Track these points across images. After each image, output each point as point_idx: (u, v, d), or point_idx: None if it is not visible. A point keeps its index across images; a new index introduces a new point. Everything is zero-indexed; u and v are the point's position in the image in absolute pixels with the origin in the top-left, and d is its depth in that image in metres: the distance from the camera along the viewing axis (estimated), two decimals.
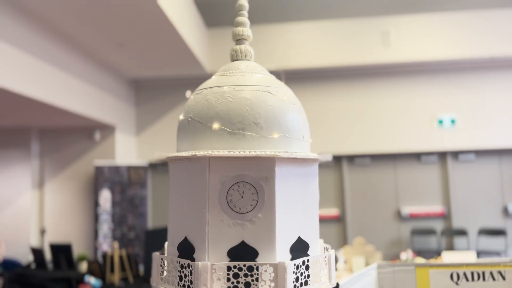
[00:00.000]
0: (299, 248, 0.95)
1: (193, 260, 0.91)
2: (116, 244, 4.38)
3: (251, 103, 0.94)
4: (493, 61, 6.67)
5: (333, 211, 6.95)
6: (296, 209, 0.95)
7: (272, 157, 0.91)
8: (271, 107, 0.95)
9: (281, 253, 0.91)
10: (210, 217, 0.91)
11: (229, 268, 0.88)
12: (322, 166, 6.97)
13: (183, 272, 0.92)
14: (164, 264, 0.98)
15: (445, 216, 6.88)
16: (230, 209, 0.91)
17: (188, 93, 6.19)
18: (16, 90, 4.12)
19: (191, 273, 0.90)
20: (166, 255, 1.00)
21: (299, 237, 0.95)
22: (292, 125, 0.97)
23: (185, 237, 0.95)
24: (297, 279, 0.90)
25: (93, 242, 6.19)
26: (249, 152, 0.91)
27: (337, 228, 6.97)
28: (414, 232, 6.82)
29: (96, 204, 6.10)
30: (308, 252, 0.97)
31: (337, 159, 7.09)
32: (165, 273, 0.97)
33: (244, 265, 0.88)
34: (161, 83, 7.10)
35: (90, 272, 4.37)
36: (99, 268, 4.35)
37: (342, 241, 6.83)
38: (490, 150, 6.83)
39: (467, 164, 6.93)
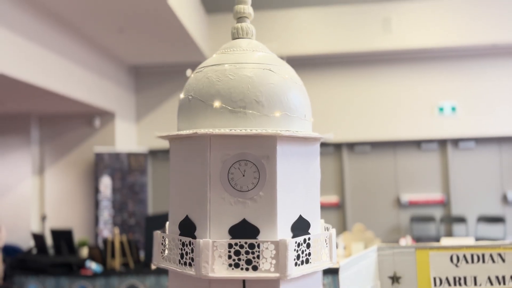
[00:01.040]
0: (300, 227, 0.95)
1: (194, 238, 0.91)
2: (116, 230, 4.40)
3: (252, 81, 0.93)
4: (495, 48, 6.62)
5: (333, 198, 6.97)
6: (298, 188, 0.95)
7: (273, 136, 0.90)
8: (272, 85, 0.94)
9: (282, 231, 0.91)
10: (211, 195, 0.91)
11: (230, 246, 0.88)
12: (322, 153, 6.93)
13: (184, 250, 0.92)
14: (165, 243, 0.98)
15: (445, 204, 6.90)
16: (232, 187, 0.91)
17: (188, 72, 6.15)
18: (15, 76, 4.10)
19: (192, 251, 0.90)
20: (167, 233, 1.01)
21: (300, 216, 0.95)
22: (294, 103, 0.96)
23: (186, 215, 0.95)
24: (298, 257, 0.90)
25: (93, 229, 6.22)
26: (251, 130, 0.90)
27: (336, 215, 7.00)
28: (413, 219, 6.85)
29: (96, 190, 6.12)
30: (309, 231, 0.97)
31: (337, 146, 7.08)
32: (166, 251, 0.97)
33: (246, 243, 0.88)
34: (161, 69, 7.07)
35: (91, 257, 4.39)
36: (100, 253, 4.37)
37: (342, 228, 6.87)
38: (490, 137, 6.82)
39: (467, 151, 6.93)
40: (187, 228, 0.94)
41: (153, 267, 4.21)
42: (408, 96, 6.82)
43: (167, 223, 1.06)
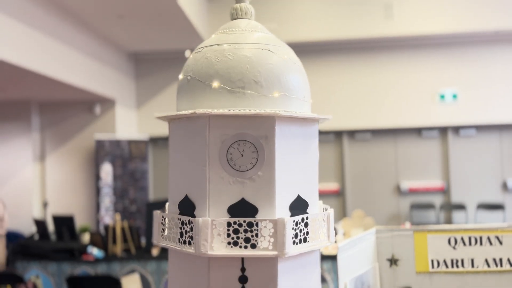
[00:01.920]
0: (299, 206, 0.96)
1: (193, 217, 0.92)
2: (118, 216, 4.43)
3: (251, 61, 0.93)
4: (497, 35, 6.58)
5: (333, 186, 6.99)
6: (296, 168, 0.96)
7: (272, 116, 0.91)
8: (271, 66, 0.94)
9: (281, 210, 0.92)
10: (210, 175, 0.91)
11: (229, 224, 0.89)
12: (323, 141, 6.96)
13: (183, 228, 0.93)
14: (165, 222, 0.99)
15: (445, 191, 6.93)
16: (230, 167, 0.91)
17: (187, 53, 6.13)
18: (15, 63, 4.09)
19: (191, 229, 0.91)
20: (167, 213, 1.01)
21: (298, 196, 0.96)
22: (293, 84, 0.96)
23: (186, 195, 0.96)
24: (296, 236, 0.91)
25: (95, 215, 6.26)
26: (249, 110, 0.90)
27: (336, 202, 7.03)
28: (413, 206, 6.88)
29: (97, 177, 6.14)
30: (307, 211, 0.98)
31: (338, 134, 7.09)
32: (166, 231, 0.98)
33: (244, 221, 0.89)
34: (161, 56, 7.04)
35: (92, 243, 4.43)
36: (101, 239, 4.41)
37: (342, 215, 6.90)
38: (491, 125, 6.81)
39: (467, 139, 6.93)
40: (187, 207, 0.95)
41: (154, 253, 4.25)
42: (409, 83, 6.80)
43: (167, 203, 1.07)
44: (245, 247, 0.88)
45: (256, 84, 0.92)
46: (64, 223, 4.62)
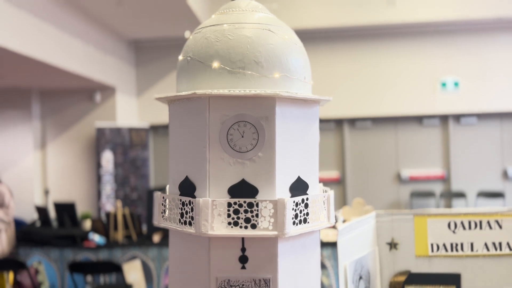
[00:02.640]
0: (299, 187, 0.96)
1: (194, 198, 0.93)
2: (119, 203, 4.44)
3: (251, 41, 0.92)
4: (500, 22, 6.53)
5: (333, 174, 7.00)
6: (296, 149, 0.96)
7: (272, 97, 0.90)
8: (272, 46, 0.93)
9: (281, 191, 0.92)
10: (210, 156, 0.91)
11: (229, 205, 0.89)
12: (323, 129, 6.95)
13: (184, 209, 0.93)
14: (165, 203, 0.99)
15: (445, 179, 6.94)
16: (231, 148, 0.91)
17: (187, 33, 6.09)
18: (15, 50, 4.07)
19: (192, 210, 0.91)
20: (167, 194, 1.02)
21: (298, 177, 0.96)
22: (294, 65, 0.96)
23: (186, 176, 0.96)
24: (296, 216, 0.92)
25: (96, 203, 6.28)
26: (250, 91, 0.90)
27: (337, 190, 7.04)
28: (413, 194, 6.90)
29: (98, 165, 6.15)
30: (307, 192, 0.98)
31: (338, 122, 7.07)
32: (166, 212, 0.99)
33: (245, 202, 0.89)
34: (161, 43, 7.00)
35: (94, 229, 4.45)
36: (103, 226, 4.43)
37: (342, 203, 6.92)
38: (492, 113, 6.80)
39: (468, 127, 6.91)
40: (187, 188, 0.95)
41: (155, 239, 4.27)
42: (411, 71, 6.77)
43: (167, 186, 1.07)
44: (246, 227, 0.89)
45: (257, 64, 0.91)
46: (66, 210, 4.64)
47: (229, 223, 0.89)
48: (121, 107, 6.54)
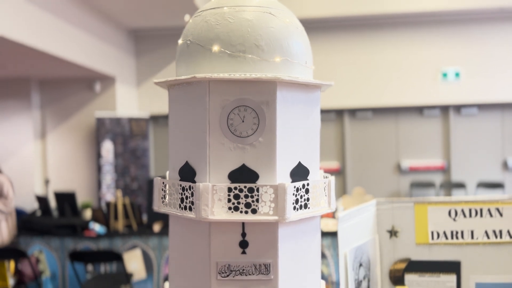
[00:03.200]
0: (299, 173, 0.95)
1: (194, 183, 0.92)
2: (119, 192, 4.45)
3: (252, 24, 0.91)
4: (502, 12, 6.48)
5: (333, 164, 7.00)
6: (297, 135, 0.95)
7: (273, 81, 0.89)
8: (273, 29, 0.92)
9: (281, 176, 0.92)
10: (210, 141, 0.91)
11: (230, 190, 0.89)
12: (324, 119, 6.92)
13: (184, 194, 0.93)
14: (165, 188, 0.98)
15: (445, 170, 6.94)
16: (231, 133, 0.90)
17: (187, 17, 6.04)
18: (14, 39, 4.04)
19: (192, 195, 0.91)
20: (167, 179, 1.01)
21: (299, 163, 0.96)
22: (295, 49, 0.94)
23: (186, 161, 0.95)
24: (296, 201, 0.91)
25: (96, 193, 6.29)
26: (250, 75, 0.89)
27: (337, 180, 7.05)
28: (413, 184, 6.90)
29: (98, 155, 6.15)
30: (308, 178, 0.98)
31: (339, 112, 7.05)
32: (167, 197, 0.98)
33: (245, 187, 0.89)
34: (162, 33, 6.96)
35: (94, 219, 4.46)
36: (103, 215, 4.44)
37: (342, 193, 6.93)
38: (493, 104, 6.77)
39: (469, 118, 6.90)
40: (187, 173, 0.95)
41: (155, 229, 4.28)
42: (412, 61, 6.73)
43: (167, 172, 1.06)
44: (246, 212, 0.88)
45: (257, 48, 0.90)
46: (66, 199, 4.65)
47: (230, 208, 0.89)
48: (121, 97, 6.52)
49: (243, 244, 0.90)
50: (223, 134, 0.90)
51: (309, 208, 0.94)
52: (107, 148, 6.18)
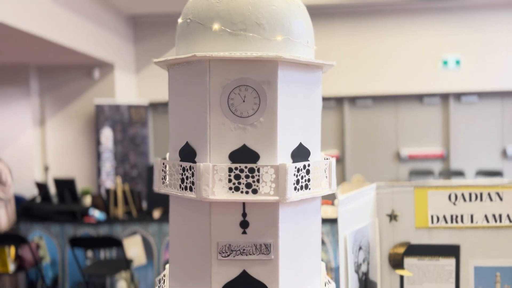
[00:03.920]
0: (300, 154, 0.95)
1: (194, 163, 0.91)
2: (119, 179, 4.45)
3: (253, 2, 0.90)
4: None
5: (333, 152, 7.00)
6: (298, 115, 0.94)
7: (275, 60, 0.88)
8: (274, 8, 0.91)
9: (282, 157, 0.91)
10: (211, 121, 0.90)
11: (230, 170, 0.88)
12: (323, 107, 6.90)
13: (185, 174, 0.92)
14: (165, 169, 0.98)
15: (444, 158, 6.94)
16: (232, 113, 0.90)
17: None
18: (13, 25, 4.01)
19: (192, 175, 0.90)
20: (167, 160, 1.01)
21: (300, 143, 0.95)
22: (297, 28, 0.93)
23: (187, 142, 0.95)
24: (297, 182, 0.91)
25: (96, 180, 6.30)
26: (251, 54, 0.88)
27: (336, 168, 7.02)
28: (412, 173, 6.91)
29: (97, 142, 6.14)
30: (309, 159, 0.97)
31: (339, 100, 7.03)
32: (167, 178, 0.98)
33: (246, 167, 0.88)
34: (161, 19, 6.90)
35: (94, 205, 4.47)
36: (103, 202, 4.44)
37: (341, 181, 6.94)
38: (493, 92, 6.75)
39: (469, 106, 6.88)
40: (188, 154, 0.94)
41: (155, 215, 4.30)
42: (412, 49, 6.69)
43: (167, 153, 1.06)
44: (247, 192, 0.88)
45: (259, 26, 0.89)
46: (66, 186, 4.65)
47: (230, 188, 0.88)
48: (120, 84, 6.49)
49: (244, 224, 0.90)
50: (224, 114, 0.90)
51: (309, 189, 0.94)
52: (107, 135, 6.17)
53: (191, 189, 0.91)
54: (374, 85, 6.76)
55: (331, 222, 4.08)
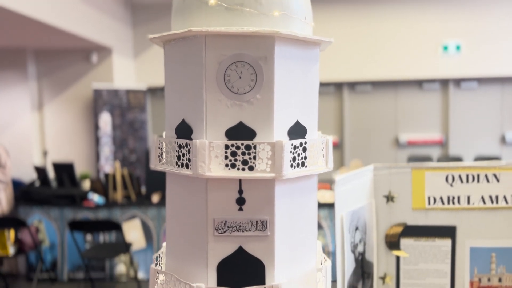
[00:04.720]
0: (297, 132, 0.94)
1: (191, 140, 0.91)
2: (117, 164, 4.45)
3: None
4: None
5: (332, 138, 7.00)
6: (296, 92, 0.94)
7: (272, 35, 0.87)
8: None
9: (279, 135, 0.91)
10: (207, 97, 0.89)
11: (227, 147, 0.88)
12: (323, 93, 6.89)
13: (181, 151, 0.92)
14: (162, 146, 0.98)
15: (443, 144, 6.95)
16: (228, 89, 0.89)
17: None
18: (8, 7, 3.96)
19: (189, 152, 0.90)
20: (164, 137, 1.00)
21: (297, 121, 0.94)
22: (294, 3, 0.92)
23: (183, 119, 0.94)
24: (294, 159, 0.90)
25: (95, 164, 6.30)
26: (248, 29, 0.87)
27: (335, 154, 7.06)
28: (411, 159, 6.92)
29: (96, 127, 6.13)
30: (306, 137, 0.97)
31: (338, 86, 7.00)
32: (163, 156, 0.97)
33: (242, 144, 0.88)
34: (159, 2, 6.83)
35: (93, 190, 4.48)
36: (102, 186, 4.45)
37: (339, 166, 6.96)
38: (493, 78, 6.73)
39: (469, 92, 6.86)
40: (184, 131, 0.94)
41: (154, 200, 4.31)
42: (412, 34, 6.65)
43: (164, 132, 1.05)
44: (243, 169, 0.88)
45: (256, 1, 0.88)
46: (65, 170, 4.66)
47: (227, 165, 0.88)
48: (118, 69, 6.45)
49: (240, 201, 0.90)
50: (220, 90, 0.89)
51: (306, 166, 0.94)
52: (105, 120, 6.16)
53: (187, 166, 0.90)
54: (373, 70, 6.73)
55: (329, 206, 4.10)
